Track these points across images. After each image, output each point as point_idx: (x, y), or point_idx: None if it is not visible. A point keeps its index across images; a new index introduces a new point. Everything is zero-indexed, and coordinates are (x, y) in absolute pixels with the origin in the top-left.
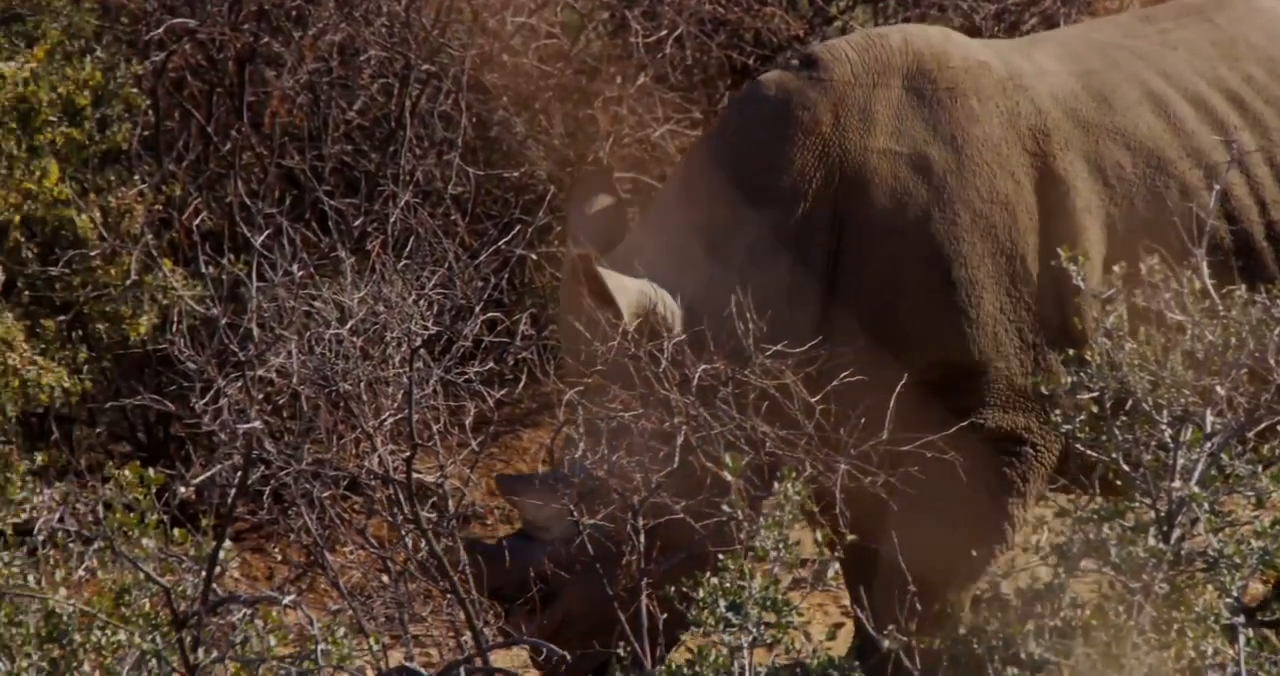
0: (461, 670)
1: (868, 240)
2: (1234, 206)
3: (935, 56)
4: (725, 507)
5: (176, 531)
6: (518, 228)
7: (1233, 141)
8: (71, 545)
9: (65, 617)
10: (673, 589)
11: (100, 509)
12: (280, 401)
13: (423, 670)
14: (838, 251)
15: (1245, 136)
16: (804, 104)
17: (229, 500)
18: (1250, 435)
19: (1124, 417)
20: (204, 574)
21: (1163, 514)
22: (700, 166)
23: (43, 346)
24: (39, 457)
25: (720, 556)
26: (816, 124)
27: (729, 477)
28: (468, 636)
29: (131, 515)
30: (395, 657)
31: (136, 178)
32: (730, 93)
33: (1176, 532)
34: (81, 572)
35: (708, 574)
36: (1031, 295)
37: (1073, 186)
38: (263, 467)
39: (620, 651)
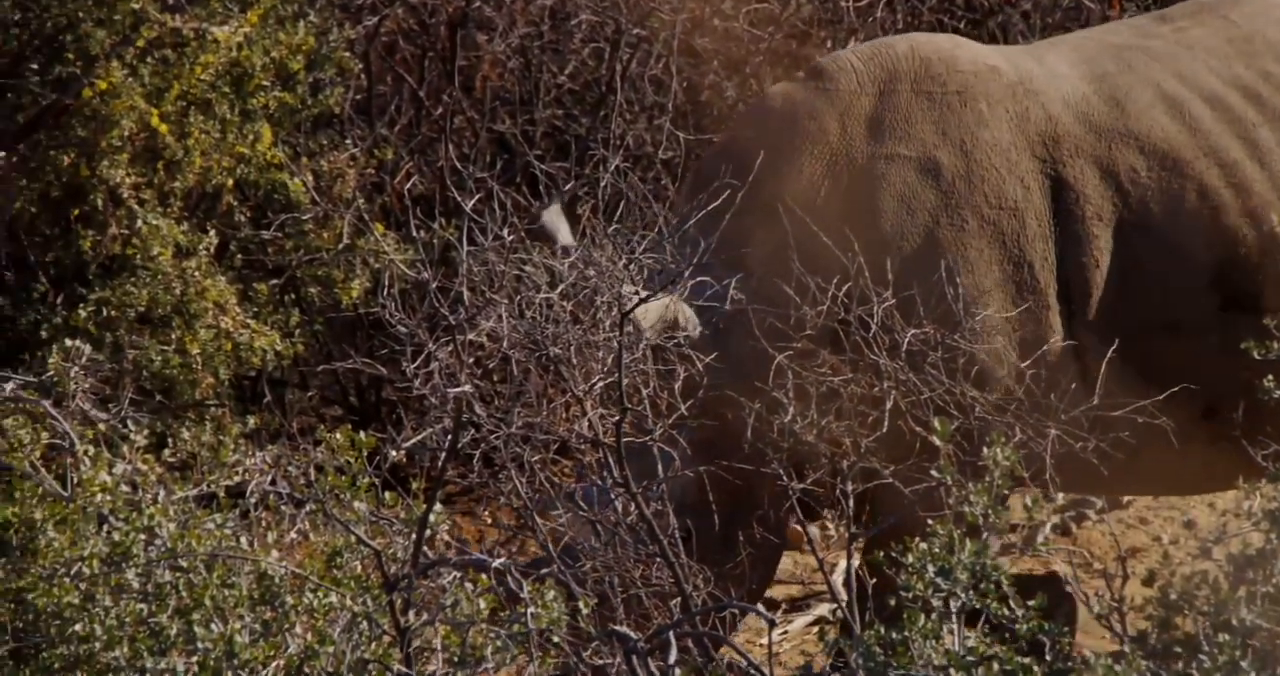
0: (671, 634)
1: (878, 245)
2: (1255, 203)
3: (944, 61)
4: (934, 473)
5: (387, 494)
6: (727, 192)
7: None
8: (283, 508)
9: (277, 580)
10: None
11: (312, 472)
12: (490, 365)
13: (633, 633)
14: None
15: (1265, 133)
16: (811, 114)
17: (439, 463)
18: None
19: None
20: (414, 537)
21: None
22: (708, 178)
23: (255, 310)
24: (251, 421)
25: (929, 522)
26: (824, 133)
27: (938, 442)
28: (677, 600)
29: (343, 478)
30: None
31: (349, 142)
32: None
33: None
34: (293, 535)
35: (916, 539)
36: (1039, 304)
37: (1083, 193)
38: (473, 431)
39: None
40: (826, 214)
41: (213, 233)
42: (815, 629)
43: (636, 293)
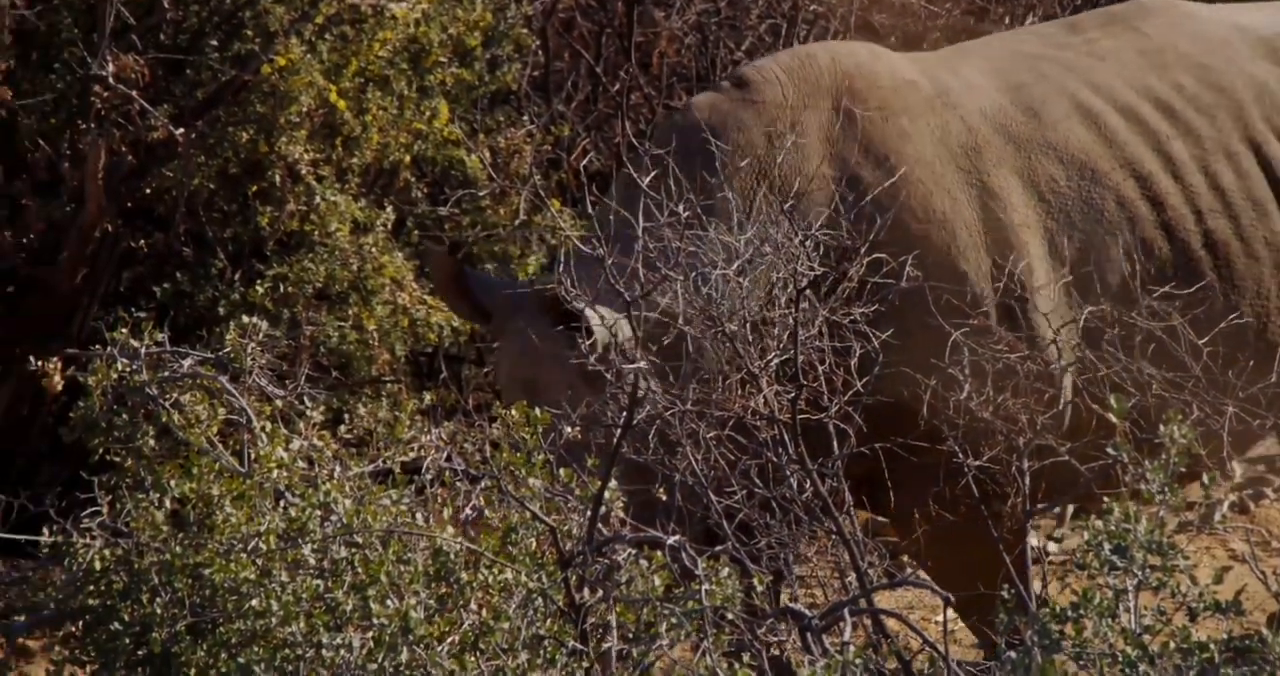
0: (846, 611)
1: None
2: (1170, 216)
3: (864, 76)
4: (1110, 450)
5: (562, 471)
6: (903, 168)
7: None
8: (459, 484)
9: (453, 556)
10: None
11: (487, 448)
12: (666, 341)
13: (807, 610)
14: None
15: (1178, 146)
16: (738, 125)
17: (614, 440)
18: None
19: None
20: (589, 513)
21: None
22: (637, 190)
23: (432, 286)
24: (427, 397)
25: (1105, 499)
26: (752, 146)
27: (1114, 420)
28: (852, 577)
29: (518, 454)
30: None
31: (525, 118)
32: None
33: None
34: (469, 511)
35: (1092, 516)
36: (976, 313)
37: (1009, 202)
38: (648, 407)
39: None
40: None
41: (390, 209)
42: None
43: (812, 269)
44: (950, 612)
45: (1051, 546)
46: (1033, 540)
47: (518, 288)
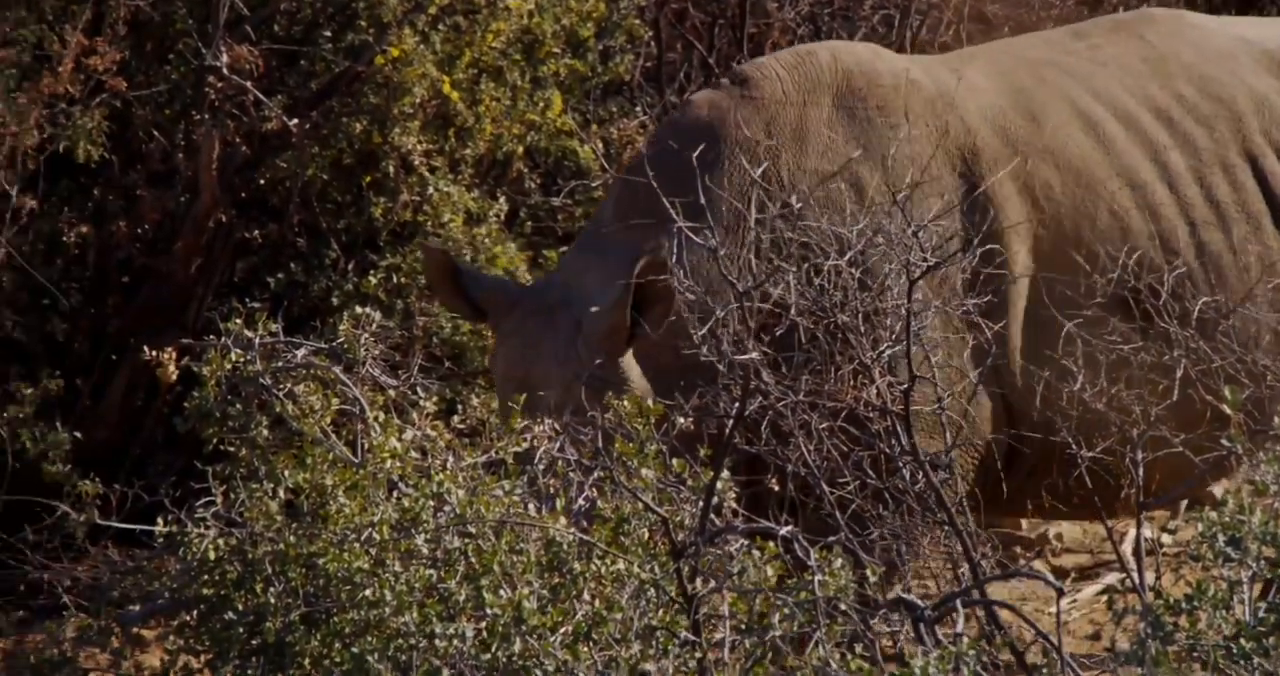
0: (959, 602)
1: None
2: (1163, 227)
3: (865, 74)
4: (1225, 441)
5: (675, 461)
6: (1016, 160)
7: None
8: (571, 474)
9: (565, 546)
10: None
11: (599, 439)
12: (778, 332)
13: (919, 601)
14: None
15: (1175, 156)
16: (738, 122)
17: (727, 431)
18: None
19: None
20: (702, 504)
21: None
22: (636, 187)
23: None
24: None
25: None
26: (752, 143)
27: (1229, 411)
28: (965, 568)
29: (630, 445)
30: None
31: (638, 109)
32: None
33: None
34: (581, 502)
35: (1206, 508)
36: (962, 319)
37: (1001, 207)
38: (760, 398)
39: None
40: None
41: (503, 199)
42: (1104, 598)
43: (925, 259)
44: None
45: (1165, 538)
46: (1147, 531)
47: (510, 285)
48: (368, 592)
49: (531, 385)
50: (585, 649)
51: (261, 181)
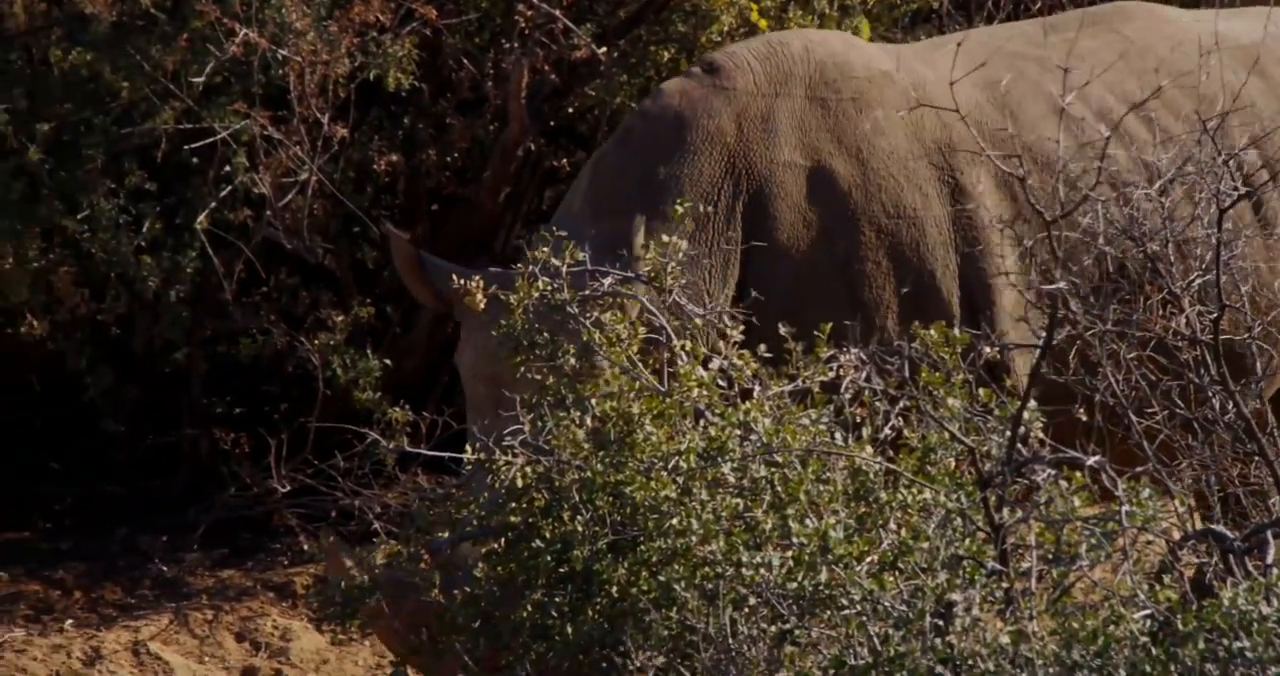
0: (1269, 534)
1: (774, 254)
2: (1145, 225)
3: (838, 65)
4: None
5: (981, 391)
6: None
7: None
8: (878, 403)
9: (872, 475)
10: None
11: (906, 368)
12: (1086, 262)
13: (1229, 532)
14: (745, 262)
15: (1155, 152)
16: (709, 112)
17: (1035, 361)
18: None
19: None
20: (1009, 434)
21: None
22: (607, 177)
23: None
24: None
25: None
26: (722, 133)
27: None
28: (1276, 498)
29: (937, 375)
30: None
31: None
32: None
33: None
34: (887, 431)
35: None
36: (942, 312)
37: (980, 202)
38: (1068, 328)
39: None
40: (729, 216)
41: None
42: None
43: (1235, 188)
44: None
45: None
46: None
47: (473, 276)
48: (674, 521)
49: (502, 380)
50: (891, 578)
51: (570, 110)
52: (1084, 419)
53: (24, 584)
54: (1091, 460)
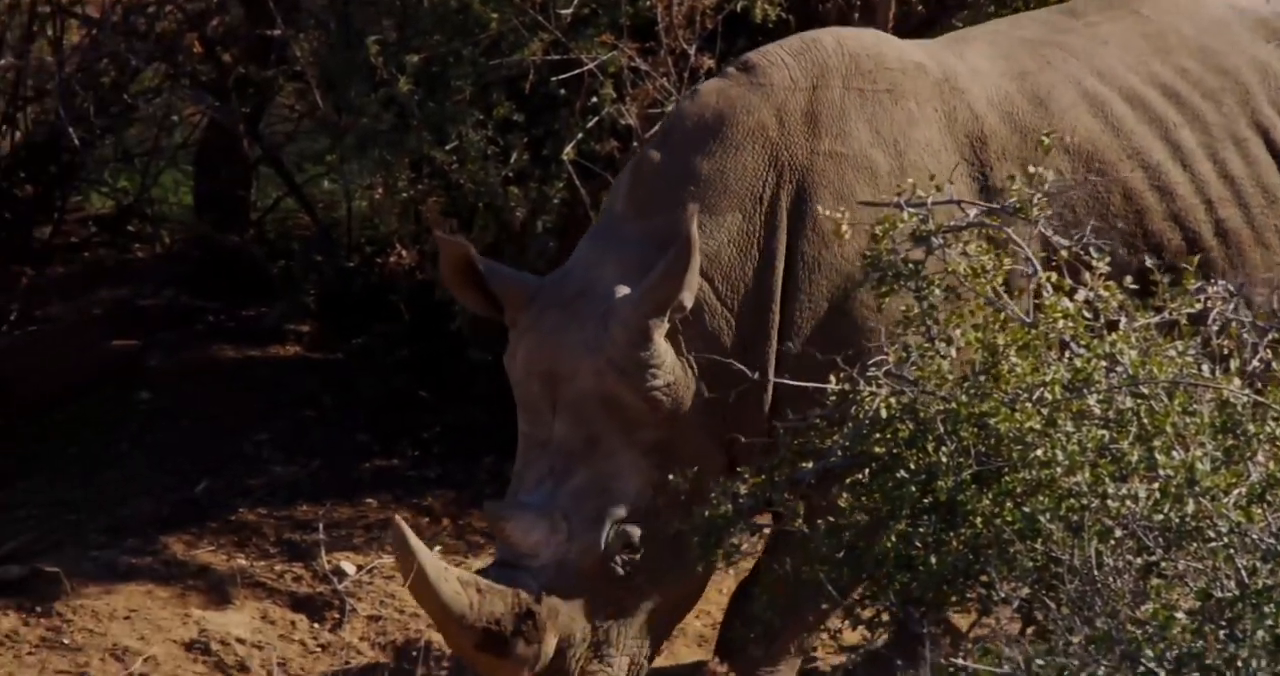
0: None
1: (819, 243)
2: (1179, 207)
3: (871, 57)
4: None
5: None
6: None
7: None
8: (1245, 335)
9: (1240, 408)
10: None
11: (1274, 300)
12: None
13: None
14: (790, 254)
15: (1185, 133)
16: (748, 108)
17: None
18: None
19: None
20: None
21: None
22: (649, 177)
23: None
24: None
25: None
26: (763, 128)
27: None
28: None
29: None
30: None
31: None
32: None
33: None
34: (1256, 363)
35: None
36: None
37: (1010, 194)
38: None
39: None
40: (773, 208)
41: None
42: None
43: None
44: None
45: None
46: None
47: (527, 278)
48: (1039, 452)
49: (558, 377)
50: (1259, 511)
51: None
52: None
53: (393, 511)
54: None
